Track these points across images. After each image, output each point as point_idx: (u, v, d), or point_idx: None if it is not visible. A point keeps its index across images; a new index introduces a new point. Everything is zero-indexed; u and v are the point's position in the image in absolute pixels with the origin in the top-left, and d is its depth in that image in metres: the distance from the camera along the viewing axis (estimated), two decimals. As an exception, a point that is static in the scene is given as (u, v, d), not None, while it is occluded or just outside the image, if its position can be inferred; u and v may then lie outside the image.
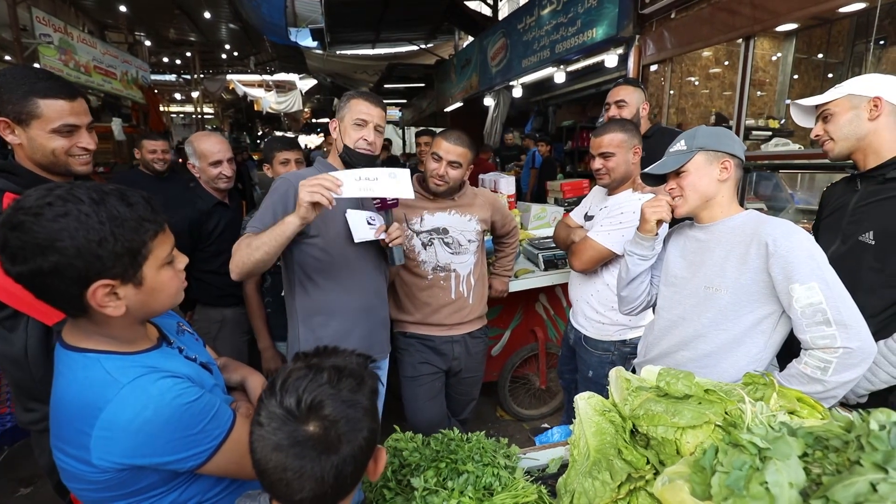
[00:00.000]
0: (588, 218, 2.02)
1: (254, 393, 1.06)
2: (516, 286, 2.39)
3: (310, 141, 28.86)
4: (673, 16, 4.35)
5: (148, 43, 11.55)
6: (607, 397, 2.02)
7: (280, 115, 21.49)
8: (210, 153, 1.90)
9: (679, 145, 1.32)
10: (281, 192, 1.46)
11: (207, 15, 9.51)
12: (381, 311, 1.68)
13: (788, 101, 1.37)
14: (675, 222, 1.61)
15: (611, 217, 1.81)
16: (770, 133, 4.64)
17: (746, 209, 1.29)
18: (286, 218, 1.29)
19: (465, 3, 8.37)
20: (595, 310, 1.92)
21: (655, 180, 1.39)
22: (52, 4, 7.99)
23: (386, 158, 7.04)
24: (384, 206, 1.52)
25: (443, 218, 1.81)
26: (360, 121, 1.50)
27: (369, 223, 1.52)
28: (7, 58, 7.47)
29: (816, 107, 1.38)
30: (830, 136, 1.34)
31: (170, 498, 0.83)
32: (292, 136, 26.57)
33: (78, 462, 0.76)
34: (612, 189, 1.89)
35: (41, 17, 6.60)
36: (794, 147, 3.65)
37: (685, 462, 0.75)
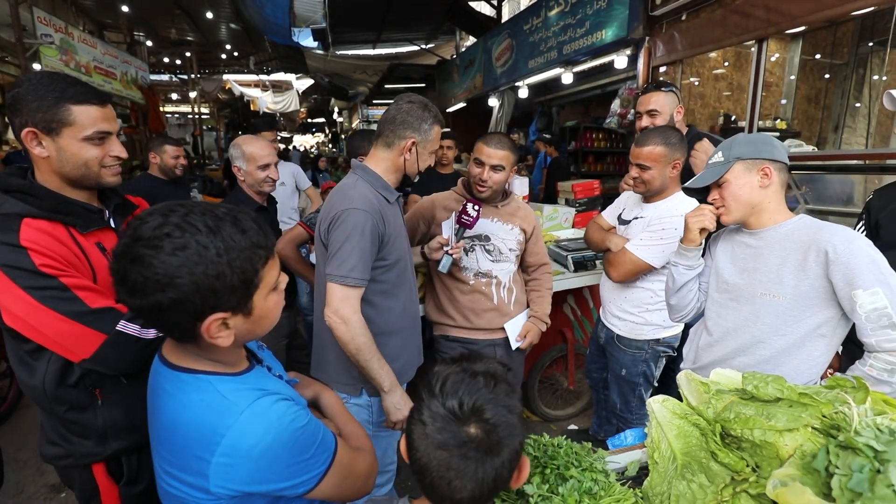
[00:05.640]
0: (623, 222, 2.02)
1: (330, 410, 1.04)
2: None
3: (305, 141, 28.64)
4: (683, 18, 4.39)
5: (149, 43, 11.43)
6: (640, 395, 2.06)
7: (276, 115, 21.39)
8: (260, 156, 1.89)
9: (717, 156, 1.33)
10: (370, 232, 1.34)
11: (209, 15, 9.43)
12: (419, 314, 1.71)
13: (890, 91, 1.38)
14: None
15: (651, 230, 1.82)
16: (778, 134, 4.71)
17: (798, 214, 1.31)
18: (393, 385, 1.42)
19: (468, 3, 8.37)
20: (629, 311, 1.95)
21: (698, 192, 1.41)
22: (52, 4, 7.89)
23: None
24: (468, 225, 1.66)
25: (485, 225, 1.83)
26: (435, 150, 1.51)
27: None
28: (8, 59, 7.36)
29: None
30: None
31: None
32: (288, 135, 26.46)
33: (191, 489, 0.75)
34: (648, 197, 1.91)
35: (42, 18, 6.52)
36: (808, 148, 3.71)
37: (792, 465, 0.77)
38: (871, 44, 5.12)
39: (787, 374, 1.24)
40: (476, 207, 1.68)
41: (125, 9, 8.88)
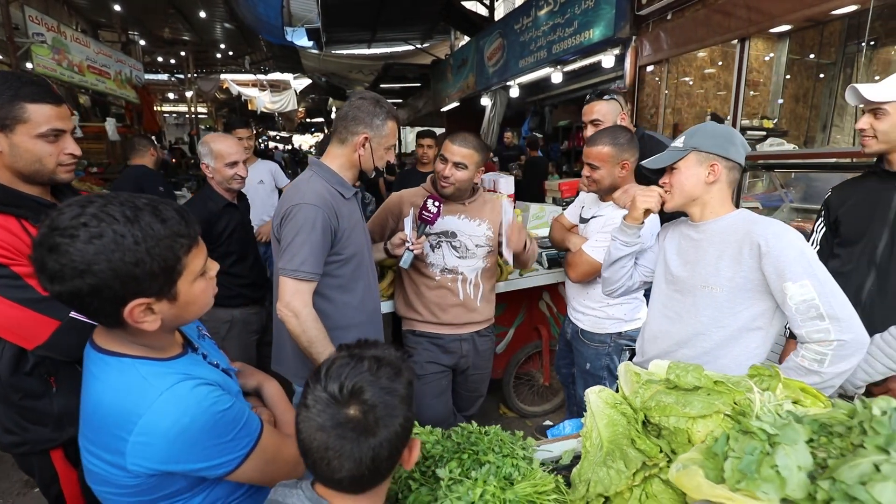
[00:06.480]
0: (583, 220, 2.04)
1: (270, 400, 1.07)
2: (520, 284, 2.43)
3: (304, 140, 28.61)
4: (669, 17, 4.41)
5: (143, 42, 11.46)
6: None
7: (274, 115, 21.41)
8: (227, 154, 1.92)
9: (679, 141, 1.34)
10: (321, 227, 1.36)
11: (203, 14, 9.47)
12: (379, 308, 1.73)
13: (854, 85, 1.36)
14: (666, 218, 1.65)
15: (605, 232, 1.83)
16: (765, 133, 4.73)
17: (739, 208, 1.33)
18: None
19: (462, 2, 8.39)
20: (590, 306, 1.97)
21: (654, 172, 1.43)
22: (45, 3, 7.92)
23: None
24: (429, 221, 1.69)
25: (452, 221, 1.85)
26: (393, 145, 1.53)
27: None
28: (0, 57, 7.39)
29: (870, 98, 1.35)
30: (876, 133, 1.34)
31: (194, 502, 0.85)
32: (287, 135, 26.43)
33: (110, 466, 0.77)
34: (602, 196, 1.92)
35: (34, 16, 6.53)
36: (789, 147, 3.73)
37: (697, 449, 0.80)
38: (861, 43, 5.13)
39: (726, 365, 1.27)
40: (436, 203, 1.70)
41: (118, 8, 8.90)
